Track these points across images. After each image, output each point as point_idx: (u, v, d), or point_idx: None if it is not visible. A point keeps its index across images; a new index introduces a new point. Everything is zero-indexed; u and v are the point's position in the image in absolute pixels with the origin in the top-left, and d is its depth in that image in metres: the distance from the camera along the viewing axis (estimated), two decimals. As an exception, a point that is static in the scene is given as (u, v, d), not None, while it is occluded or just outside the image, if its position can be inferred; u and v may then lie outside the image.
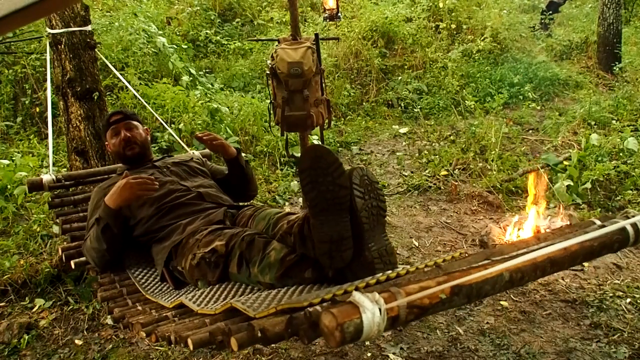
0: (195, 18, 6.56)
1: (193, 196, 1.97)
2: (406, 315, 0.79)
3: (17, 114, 4.68)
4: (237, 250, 1.54)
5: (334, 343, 0.74)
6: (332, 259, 1.37)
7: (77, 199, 2.33)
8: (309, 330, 0.87)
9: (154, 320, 1.47)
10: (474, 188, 3.90)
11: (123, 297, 1.77)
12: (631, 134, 4.21)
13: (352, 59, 6.17)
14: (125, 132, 2.14)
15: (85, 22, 2.84)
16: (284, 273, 1.44)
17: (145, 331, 1.39)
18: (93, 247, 1.83)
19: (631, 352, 2.16)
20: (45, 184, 2.26)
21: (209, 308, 1.36)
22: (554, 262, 0.98)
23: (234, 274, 1.55)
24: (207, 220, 1.82)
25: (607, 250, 1.12)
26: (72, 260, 1.99)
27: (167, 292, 1.72)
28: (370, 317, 0.75)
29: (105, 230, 1.80)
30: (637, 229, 1.12)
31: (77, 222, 2.20)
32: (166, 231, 1.85)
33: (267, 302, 1.18)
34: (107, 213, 1.81)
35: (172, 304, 1.55)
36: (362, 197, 1.39)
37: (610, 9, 6.39)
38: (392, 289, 0.81)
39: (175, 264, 1.75)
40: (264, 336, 0.94)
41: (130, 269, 1.92)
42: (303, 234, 1.47)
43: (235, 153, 2.14)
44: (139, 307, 1.66)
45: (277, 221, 1.66)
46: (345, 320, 0.74)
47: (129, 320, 1.51)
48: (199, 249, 1.64)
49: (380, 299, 0.77)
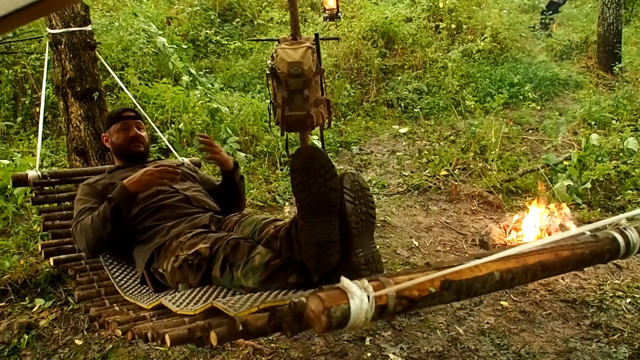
0: (195, 18, 6.55)
1: (180, 199, 1.94)
2: (394, 305, 0.78)
3: (17, 114, 4.67)
4: (221, 254, 1.51)
5: (319, 328, 0.73)
6: (318, 262, 1.34)
7: (62, 196, 2.30)
8: (293, 322, 0.85)
9: (131, 319, 1.46)
10: (474, 188, 3.90)
11: (101, 297, 1.75)
12: (631, 134, 4.21)
13: (352, 59, 6.17)
14: (135, 129, 2.14)
15: (85, 22, 2.84)
16: (268, 277, 1.41)
17: (122, 329, 1.38)
18: (94, 227, 1.76)
19: (631, 352, 2.16)
20: (30, 180, 2.24)
21: (188, 309, 1.33)
22: (545, 267, 0.98)
23: (217, 277, 1.52)
24: (192, 224, 1.79)
25: (597, 260, 1.10)
26: (52, 257, 1.97)
27: (146, 294, 1.69)
28: (359, 303, 0.74)
29: (114, 211, 1.74)
30: (627, 242, 1.11)
31: (59, 220, 2.18)
32: (150, 233, 1.81)
33: (250, 303, 1.16)
34: (122, 195, 1.75)
35: (150, 305, 1.53)
36: (352, 202, 1.38)
37: (610, 9, 6.39)
38: (381, 278, 0.79)
39: (156, 266, 1.72)
40: (245, 330, 0.92)
41: (110, 269, 1.89)
42: (290, 236, 1.45)
43: (232, 166, 2.10)
44: (116, 307, 1.65)
45: (263, 226, 1.64)
46: (333, 304, 0.72)
47: (105, 319, 1.50)
48: (182, 251, 1.61)
49: (369, 286, 0.76)
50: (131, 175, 1.81)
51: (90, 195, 1.95)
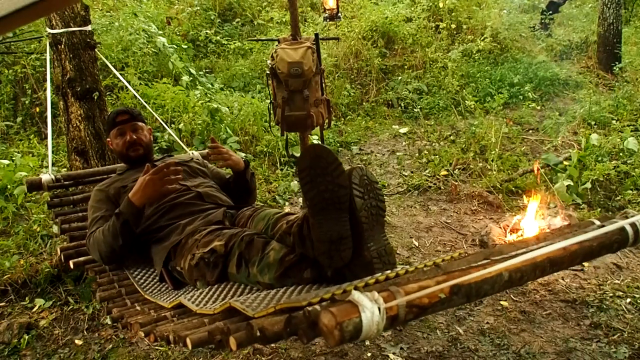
0: (195, 18, 6.55)
1: (192, 196, 1.96)
2: (405, 314, 0.79)
3: (17, 114, 4.68)
4: (236, 250, 1.54)
5: (333, 342, 0.74)
6: (331, 258, 1.36)
7: (77, 199, 2.32)
8: (308, 329, 0.87)
9: (153, 320, 1.47)
10: (474, 188, 3.90)
11: (122, 297, 1.76)
12: (631, 134, 4.21)
13: (352, 59, 6.17)
14: (131, 134, 2.12)
15: (85, 22, 2.84)
16: (283, 273, 1.44)
17: (144, 331, 1.39)
18: (105, 241, 1.80)
19: (631, 352, 2.16)
20: (44, 184, 2.26)
21: (207, 308, 1.35)
22: (554, 262, 0.98)
23: (233, 274, 1.55)
24: (206, 220, 1.82)
25: (606, 250, 1.12)
26: (71, 260, 1.98)
27: (166, 293, 1.71)
28: (370, 316, 0.75)
29: (124, 226, 1.77)
30: (636, 230, 1.12)
31: (76, 222, 2.20)
32: (165, 231, 1.84)
33: (266, 302, 1.18)
34: (129, 210, 1.77)
35: (170, 304, 1.55)
36: (361, 197, 1.39)
37: (610, 9, 6.38)
38: (391, 288, 0.81)
39: (174, 264, 1.75)
40: (262, 335, 0.94)
41: (129, 269, 1.91)
42: (302, 233, 1.46)
43: (243, 167, 2.12)
44: (137, 307, 1.66)
45: (276, 221, 1.65)
46: (345, 319, 0.74)
47: (128, 320, 1.51)
48: (198, 249, 1.63)
49: (380, 298, 0.77)
50: (138, 181, 1.81)
51: (102, 201, 1.98)
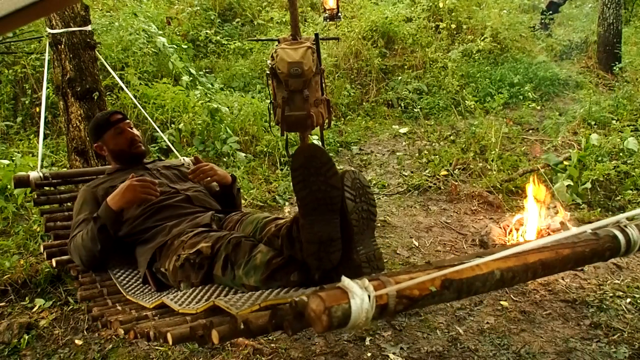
0: (195, 18, 6.55)
1: (181, 199, 1.95)
2: (395, 304, 0.78)
3: (17, 114, 4.67)
4: (222, 253, 1.52)
5: (320, 328, 0.73)
6: (320, 260, 1.35)
7: (63, 197, 2.30)
8: (294, 320, 0.86)
9: (133, 318, 1.46)
10: (474, 188, 3.90)
11: (103, 297, 1.75)
12: (631, 134, 4.21)
13: (352, 59, 6.16)
14: (130, 131, 2.14)
15: (85, 22, 2.84)
16: (270, 276, 1.42)
17: (124, 328, 1.38)
18: (85, 245, 1.79)
19: (631, 352, 2.16)
20: (32, 181, 2.24)
21: (190, 307, 1.33)
22: (545, 265, 0.98)
23: (219, 276, 1.52)
24: (193, 223, 1.80)
25: (598, 257, 1.10)
26: (54, 259, 1.97)
27: (148, 294, 1.70)
28: (359, 302, 0.74)
29: (102, 231, 1.77)
30: (628, 239, 1.11)
31: (61, 221, 2.18)
32: (151, 232, 1.83)
33: (251, 301, 1.16)
34: (107, 214, 1.77)
35: (152, 304, 1.53)
36: (353, 200, 1.38)
37: (610, 9, 6.38)
38: (381, 277, 0.80)
39: (158, 266, 1.73)
40: (246, 328, 0.92)
41: (112, 270, 1.89)
42: (291, 235, 1.45)
43: (230, 181, 2.10)
44: (118, 307, 1.65)
45: (264, 225, 1.64)
46: (333, 304, 0.73)
47: (108, 319, 1.50)
48: (183, 250, 1.61)
49: (370, 286, 0.76)
50: (119, 186, 1.81)
51: (88, 202, 1.95)
